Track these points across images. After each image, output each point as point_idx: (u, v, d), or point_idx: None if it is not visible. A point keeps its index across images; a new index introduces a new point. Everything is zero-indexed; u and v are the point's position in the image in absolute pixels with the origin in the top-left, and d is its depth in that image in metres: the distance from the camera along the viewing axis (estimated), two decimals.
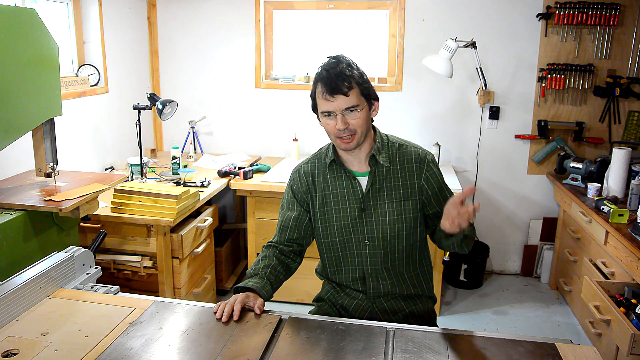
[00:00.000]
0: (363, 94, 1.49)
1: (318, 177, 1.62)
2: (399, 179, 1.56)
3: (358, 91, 1.47)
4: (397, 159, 1.57)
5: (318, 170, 1.63)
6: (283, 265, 1.61)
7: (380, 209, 1.55)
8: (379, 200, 1.56)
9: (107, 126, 3.19)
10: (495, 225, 3.61)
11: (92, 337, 1.27)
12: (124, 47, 3.34)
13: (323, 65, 1.50)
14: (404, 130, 3.51)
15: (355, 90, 1.46)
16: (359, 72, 1.50)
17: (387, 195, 1.55)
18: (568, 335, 2.84)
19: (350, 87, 1.45)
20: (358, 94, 1.47)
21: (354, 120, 1.48)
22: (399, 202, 1.55)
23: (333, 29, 3.60)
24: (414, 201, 1.56)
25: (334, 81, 1.45)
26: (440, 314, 3.10)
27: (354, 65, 1.50)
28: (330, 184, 1.60)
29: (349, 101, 1.46)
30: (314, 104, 1.55)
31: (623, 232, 2.30)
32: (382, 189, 1.56)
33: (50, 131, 2.12)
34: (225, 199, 3.73)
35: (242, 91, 3.64)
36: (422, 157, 1.58)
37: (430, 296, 1.69)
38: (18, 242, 1.83)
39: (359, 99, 1.48)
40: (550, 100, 3.34)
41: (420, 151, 1.59)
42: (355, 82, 1.46)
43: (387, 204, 1.55)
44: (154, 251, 2.40)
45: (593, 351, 1.25)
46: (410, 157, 1.57)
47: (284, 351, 1.24)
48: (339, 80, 1.45)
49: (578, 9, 3.11)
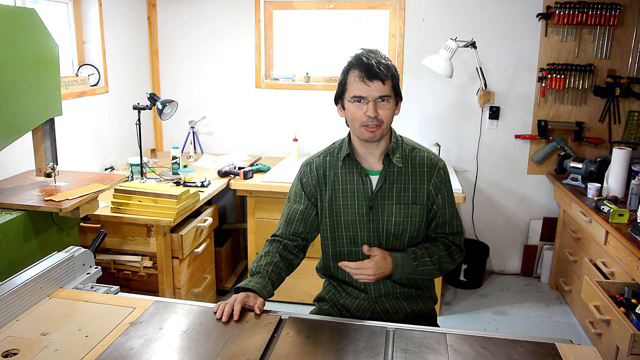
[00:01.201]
0: (395, 88, 1.51)
1: (329, 171, 1.62)
2: (409, 182, 1.57)
3: (392, 84, 1.50)
4: (409, 161, 1.58)
5: (330, 164, 1.63)
6: (286, 262, 1.60)
7: (388, 209, 1.56)
8: (387, 200, 1.56)
9: (107, 126, 3.19)
10: (495, 225, 3.61)
11: (92, 337, 1.27)
12: (124, 47, 3.34)
13: (360, 53, 1.52)
14: (404, 130, 3.49)
15: (390, 81, 1.49)
16: (395, 67, 1.53)
17: (395, 197, 1.56)
18: (568, 335, 2.84)
19: (388, 75, 1.48)
20: (392, 86, 1.50)
21: (384, 111, 1.49)
22: (407, 204, 1.56)
23: (333, 29, 3.60)
24: (421, 206, 1.57)
25: (375, 67, 1.46)
26: (440, 314, 3.10)
27: (389, 60, 1.54)
28: (341, 178, 1.60)
29: (384, 90, 1.48)
30: (342, 90, 1.55)
31: (623, 232, 2.30)
32: (392, 189, 1.56)
33: (50, 131, 2.12)
34: (225, 199, 3.73)
35: (242, 91, 3.64)
36: (434, 163, 1.59)
37: (431, 296, 1.69)
38: (18, 242, 1.83)
39: (391, 91, 1.50)
40: (550, 100, 3.34)
41: (433, 157, 1.61)
42: (391, 74, 1.49)
43: (395, 204, 1.56)
44: (154, 251, 2.40)
45: (593, 351, 1.25)
46: (423, 161, 1.58)
47: (284, 351, 1.24)
48: (379, 67, 1.47)
49: (578, 9, 3.11)
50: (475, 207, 3.58)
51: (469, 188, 3.53)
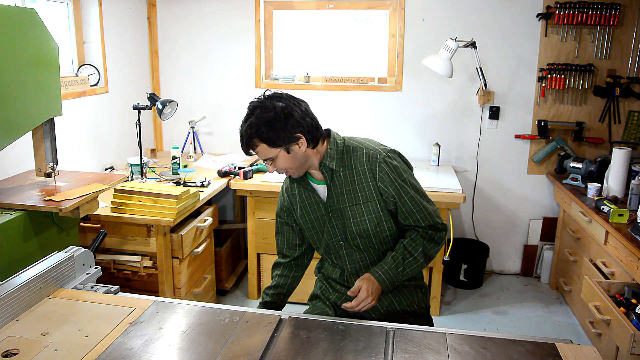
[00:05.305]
0: (273, 145, 1.49)
1: (291, 191, 1.71)
2: (355, 182, 1.58)
3: (265, 146, 1.49)
4: (352, 162, 1.59)
5: (291, 185, 1.71)
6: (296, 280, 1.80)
7: (345, 212, 1.59)
8: (341, 204, 1.59)
9: (107, 126, 3.19)
10: (495, 225, 3.61)
11: (92, 337, 1.27)
12: (124, 47, 3.34)
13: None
14: (404, 130, 3.52)
15: (261, 146, 1.50)
16: (266, 122, 1.46)
17: (347, 199, 1.59)
18: (568, 335, 2.84)
19: (254, 146, 1.51)
20: (266, 147, 1.50)
21: (277, 164, 1.54)
22: (360, 204, 1.58)
23: (333, 29, 3.60)
24: (374, 202, 1.57)
25: (242, 144, 1.52)
26: (440, 314, 3.10)
27: (260, 116, 1.47)
28: (298, 197, 1.68)
29: (261, 156, 1.53)
30: None
31: (623, 232, 2.30)
32: (342, 193, 1.59)
33: (50, 131, 2.12)
34: (225, 199, 3.73)
35: (242, 91, 3.63)
36: (373, 157, 1.56)
37: (418, 285, 1.71)
38: (18, 242, 1.83)
39: (269, 152, 1.51)
40: (550, 100, 3.34)
41: (372, 152, 1.57)
42: (259, 139, 1.48)
43: (350, 207, 1.59)
44: (154, 251, 2.40)
45: (593, 351, 1.25)
46: (362, 159, 1.58)
47: (284, 351, 1.24)
48: (243, 144, 1.52)
49: (578, 9, 3.11)
50: (475, 207, 3.58)
51: (469, 188, 3.53)
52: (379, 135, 3.30)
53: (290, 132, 1.48)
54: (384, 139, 1.70)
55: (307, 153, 1.54)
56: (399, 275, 1.54)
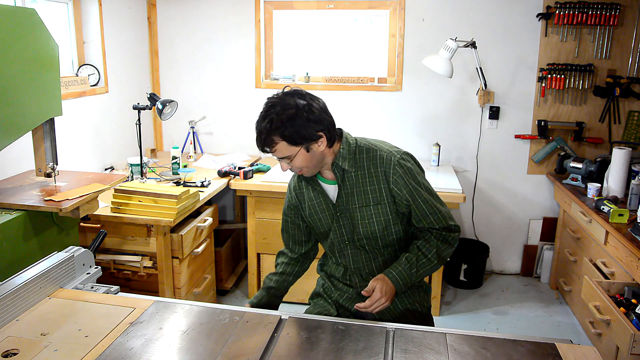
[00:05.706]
0: (294, 143, 1.46)
1: (299, 190, 1.69)
2: (367, 184, 1.56)
3: (286, 144, 1.45)
4: (364, 163, 1.57)
5: (299, 184, 1.69)
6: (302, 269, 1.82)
7: (353, 213, 1.58)
8: (350, 205, 1.58)
9: (107, 126, 3.19)
10: (495, 225, 3.61)
11: (92, 337, 1.27)
12: (124, 47, 3.33)
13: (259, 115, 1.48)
14: (404, 131, 3.52)
15: (281, 144, 1.45)
16: (288, 119, 1.42)
17: (357, 200, 1.57)
18: (568, 335, 2.84)
19: (272, 144, 1.46)
20: (286, 145, 1.46)
21: (293, 162, 1.51)
22: (370, 206, 1.56)
23: (333, 29, 3.60)
24: (384, 204, 1.56)
25: (259, 141, 1.47)
26: (440, 314, 3.10)
27: (281, 113, 1.43)
28: (306, 196, 1.66)
29: (279, 154, 1.49)
30: None
31: (623, 232, 2.30)
32: (352, 193, 1.58)
33: (50, 131, 2.12)
34: (225, 199, 3.73)
35: (242, 91, 3.64)
36: (387, 160, 1.54)
37: (420, 284, 1.71)
38: (18, 242, 1.83)
39: (288, 150, 1.47)
40: (550, 100, 3.34)
41: (386, 154, 1.55)
42: (280, 136, 1.44)
43: (359, 208, 1.57)
44: (154, 251, 2.40)
45: (593, 351, 1.25)
46: (376, 161, 1.56)
47: (284, 351, 1.24)
48: (260, 141, 1.47)
49: (578, 9, 3.11)
50: (475, 207, 3.58)
51: (469, 188, 3.53)
52: (379, 136, 3.28)
53: (311, 130, 1.45)
54: (384, 139, 1.69)
55: (324, 152, 1.53)
56: (412, 277, 1.54)
